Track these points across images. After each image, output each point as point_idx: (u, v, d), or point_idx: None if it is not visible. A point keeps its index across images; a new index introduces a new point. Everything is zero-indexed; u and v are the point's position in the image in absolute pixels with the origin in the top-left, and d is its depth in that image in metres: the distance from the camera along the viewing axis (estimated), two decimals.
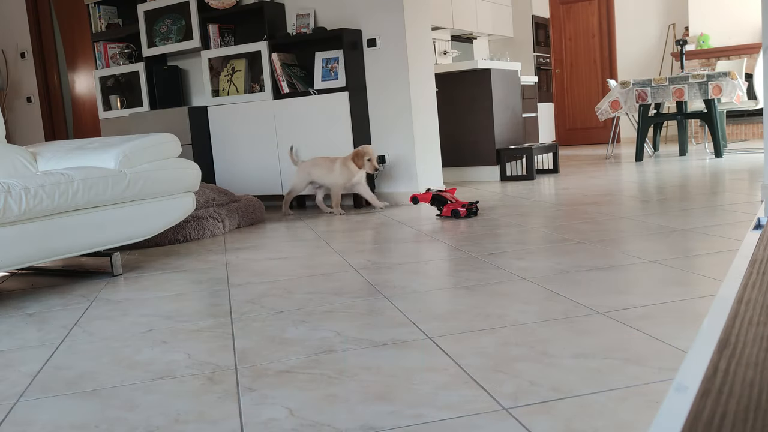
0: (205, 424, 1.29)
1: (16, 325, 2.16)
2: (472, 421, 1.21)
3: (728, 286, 1.79)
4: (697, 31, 8.29)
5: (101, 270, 3.00)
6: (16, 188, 2.38)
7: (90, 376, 1.62)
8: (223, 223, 3.79)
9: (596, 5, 9.31)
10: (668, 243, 2.56)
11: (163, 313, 2.16)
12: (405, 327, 1.79)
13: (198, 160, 4.86)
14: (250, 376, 1.52)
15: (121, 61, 5.40)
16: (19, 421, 1.37)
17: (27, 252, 2.44)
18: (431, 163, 4.59)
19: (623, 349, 1.49)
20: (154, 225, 2.93)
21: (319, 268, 2.65)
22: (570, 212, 3.51)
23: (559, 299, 1.93)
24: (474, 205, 3.65)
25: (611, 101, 6.29)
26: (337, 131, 4.40)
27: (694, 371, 1.21)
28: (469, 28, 6.99)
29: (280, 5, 4.73)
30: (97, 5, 5.40)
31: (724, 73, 5.81)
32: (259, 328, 1.89)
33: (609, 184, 4.60)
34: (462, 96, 5.66)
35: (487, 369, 1.44)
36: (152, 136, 3.01)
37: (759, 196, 3.53)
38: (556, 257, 2.48)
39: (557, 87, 9.65)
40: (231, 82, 4.83)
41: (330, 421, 1.25)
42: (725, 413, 1.00)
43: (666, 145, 8.24)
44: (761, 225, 2.66)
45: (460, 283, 2.22)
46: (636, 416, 1.17)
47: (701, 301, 1.80)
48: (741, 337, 1.33)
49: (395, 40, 4.34)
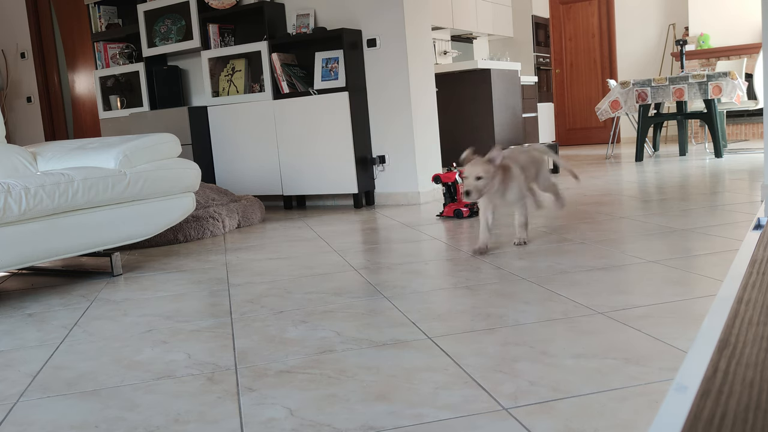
0: (205, 424, 1.29)
1: (16, 325, 2.16)
2: (472, 421, 1.21)
3: (728, 286, 1.79)
4: (697, 31, 8.29)
5: (101, 270, 3.00)
6: (16, 188, 2.38)
7: (90, 376, 1.62)
8: (223, 223, 3.79)
9: (596, 5, 9.30)
10: (668, 243, 2.56)
11: (163, 313, 2.16)
12: (405, 327, 1.79)
13: (198, 160, 4.86)
14: (250, 376, 1.52)
15: (121, 61, 5.40)
16: (19, 421, 1.37)
17: (27, 252, 2.44)
18: (431, 163, 4.59)
19: (623, 349, 1.49)
20: (154, 225, 2.93)
21: (319, 268, 2.65)
22: (570, 212, 3.51)
23: (559, 299, 1.93)
24: (476, 205, 3.65)
25: (611, 101, 6.29)
26: (337, 131, 4.40)
27: (694, 371, 1.21)
28: (469, 28, 6.98)
29: (280, 5, 4.73)
30: (97, 5, 5.40)
31: (724, 73, 5.80)
32: (259, 328, 1.89)
33: (609, 184, 4.60)
34: (462, 96, 5.66)
35: (487, 369, 1.44)
36: (152, 136, 3.01)
37: (759, 196, 3.53)
38: (556, 257, 2.48)
39: (557, 87, 9.64)
40: (231, 82, 4.83)
41: (330, 421, 1.25)
42: (725, 413, 1.00)
43: (666, 145, 8.23)
44: (761, 225, 2.66)
45: (460, 283, 2.22)
46: (636, 416, 1.17)
47: (701, 301, 1.80)
48: (741, 337, 1.33)
49: (395, 40, 4.34)
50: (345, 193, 4.56)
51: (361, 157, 4.43)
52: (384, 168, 4.52)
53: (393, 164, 4.49)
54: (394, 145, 4.46)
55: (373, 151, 4.54)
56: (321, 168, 4.51)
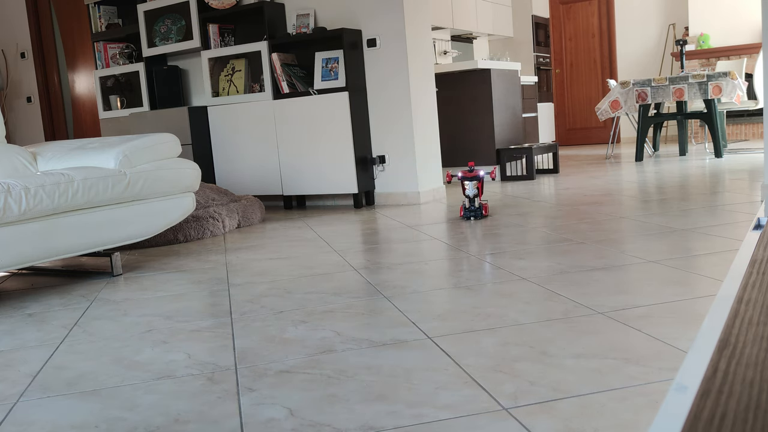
0: (205, 424, 1.29)
1: (16, 325, 2.16)
2: (472, 421, 1.21)
3: (728, 286, 1.79)
4: (697, 31, 8.29)
5: (101, 270, 3.00)
6: (16, 188, 2.38)
7: (90, 376, 1.62)
8: (223, 223, 3.79)
9: (596, 5, 9.30)
10: (668, 243, 2.56)
11: (163, 313, 2.16)
12: (405, 327, 1.79)
13: (198, 160, 4.86)
14: (250, 376, 1.52)
15: (121, 61, 5.40)
16: (19, 421, 1.37)
17: (27, 252, 2.44)
18: (431, 163, 4.59)
19: (623, 349, 1.49)
20: (154, 225, 2.93)
21: (319, 268, 2.65)
22: (570, 212, 3.51)
23: (559, 299, 1.93)
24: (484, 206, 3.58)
25: (611, 101, 6.29)
26: (337, 131, 4.40)
27: (694, 371, 1.21)
28: (469, 28, 6.98)
29: (280, 5, 4.73)
30: (97, 5, 5.40)
31: (724, 73, 5.81)
32: (259, 328, 1.89)
33: (609, 184, 4.60)
34: (462, 96, 5.66)
35: (487, 369, 1.44)
36: (152, 136, 3.01)
37: (759, 196, 3.53)
38: (556, 257, 2.48)
39: (557, 87, 9.64)
40: (231, 82, 4.83)
41: (330, 421, 1.25)
42: (725, 413, 1.00)
43: (666, 145, 8.23)
44: (761, 225, 2.66)
45: (460, 283, 2.22)
46: (636, 416, 1.17)
47: (701, 301, 1.80)
48: (741, 337, 1.33)
49: (395, 40, 4.34)
50: (345, 193, 4.56)
51: (361, 157, 4.43)
52: (384, 168, 4.52)
53: (393, 164, 4.49)
54: (394, 145, 4.46)
55: (373, 151, 4.54)
56: (321, 168, 4.51)
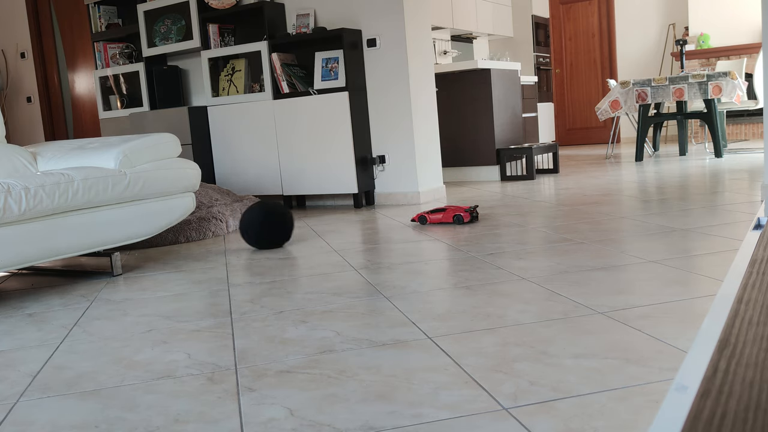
0: (205, 424, 1.29)
1: (16, 325, 2.16)
2: (472, 421, 1.21)
3: (728, 286, 1.79)
4: (697, 31, 8.29)
5: (101, 270, 3.00)
6: (16, 188, 2.38)
7: (90, 376, 1.62)
8: (226, 224, 3.79)
9: (596, 5, 9.30)
10: (668, 243, 2.56)
11: (163, 313, 2.16)
12: (405, 327, 1.79)
13: (198, 160, 4.86)
14: (250, 376, 1.52)
15: (121, 61, 5.40)
16: (19, 421, 1.37)
17: (27, 252, 2.44)
18: (431, 163, 4.59)
19: (623, 349, 1.49)
20: (154, 225, 2.93)
21: (319, 268, 2.65)
22: (570, 212, 3.51)
23: (559, 299, 1.93)
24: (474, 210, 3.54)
25: (611, 101, 6.29)
26: (337, 131, 4.40)
27: (694, 371, 1.21)
28: (469, 28, 6.98)
29: (280, 5, 4.73)
30: (97, 5, 5.40)
31: (724, 73, 5.81)
32: (259, 328, 1.89)
33: (609, 184, 4.60)
34: (462, 96, 5.66)
35: (487, 369, 1.44)
36: (152, 136, 3.01)
37: (759, 196, 3.53)
38: (556, 257, 2.48)
39: (557, 87, 9.64)
40: (231, 82, 4.83)
41: (330, 421, 1.25)
42: (725, 413, 1.00)
43: (666, 145, 8.23)
44: (761, 225, 2.66)
45: (460, 283, 2.22)
46: (636, 416, 1.17)
47: (701, 301, 1.80)
48: (741, 337, 1.33)
49: (395, 40, 4.34)
50: (345, 193, 4.56)
51: (361, 157, 4.43)
52: (384, 168, 4.52)
53: (393, 164, 4.49)
54: (394, 145, 4.46)
55: (373, 151, 4.54)
56: (321, 168, 4.51)
